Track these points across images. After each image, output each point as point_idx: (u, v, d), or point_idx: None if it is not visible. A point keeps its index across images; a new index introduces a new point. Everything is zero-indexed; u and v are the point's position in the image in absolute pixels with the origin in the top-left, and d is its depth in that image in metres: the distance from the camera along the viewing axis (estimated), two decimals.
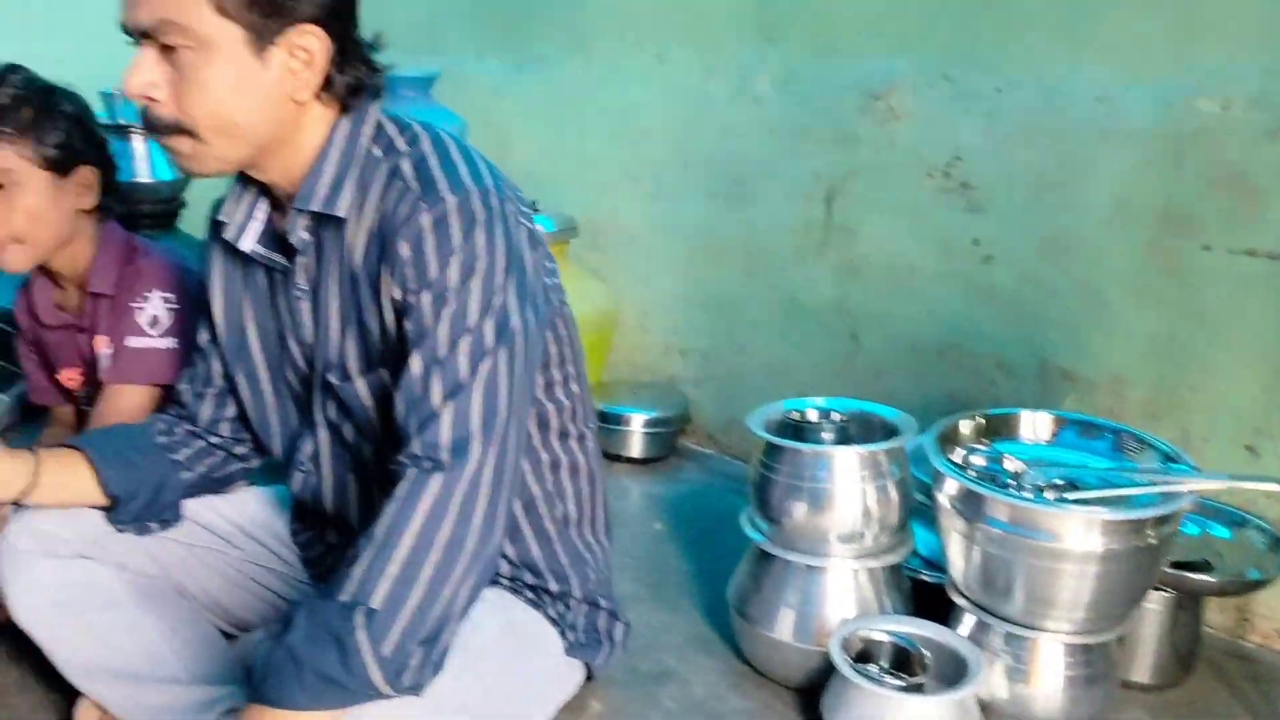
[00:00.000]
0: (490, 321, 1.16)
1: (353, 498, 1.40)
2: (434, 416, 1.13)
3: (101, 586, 1.40)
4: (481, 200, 1.17)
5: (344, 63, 1.20)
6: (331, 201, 1.23)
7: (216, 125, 1.16)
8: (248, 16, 1.12)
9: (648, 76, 2.57)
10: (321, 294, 1.29)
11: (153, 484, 1.41)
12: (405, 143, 1.25)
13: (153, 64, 1.14)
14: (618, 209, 2.67)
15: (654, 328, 2.68)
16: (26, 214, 1.67)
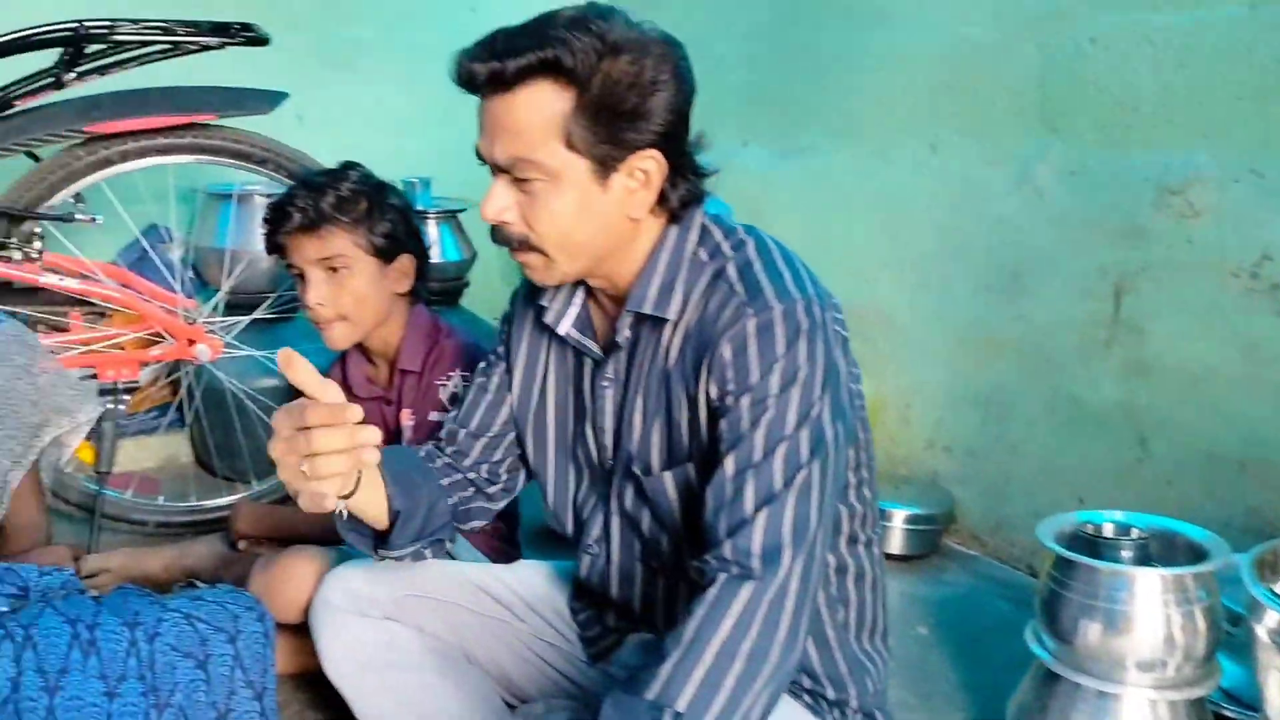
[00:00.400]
0: (806, 432, 1.17)
1: (639, 586, 1.43)
2: (746, 522, 1.15)
3: (404, 648, 1.49)
4: (805, 309, 1.19)
5: (677, 178, 1.25)
6: (661, 305, 1.28)
7: (560, 244, 1.24)
8: (594, 151, 1.19)
9: (919, 165, 2.55)
10: (631, 387, 1.35)
11: (427, 505, 1.41)
12: (730, 247, 1.28)
13: (505, 191, 1.24)
14: (881, 297, 2.65)
15: (916, 420, 2.62)
16: (354, 296, 1.84)
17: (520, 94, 1.17)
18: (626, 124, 1.18)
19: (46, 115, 2.01)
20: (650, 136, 1.20)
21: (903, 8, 2.55)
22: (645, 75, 1.17)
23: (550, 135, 1.18)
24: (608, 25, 1.17)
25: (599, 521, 1.44)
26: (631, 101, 1.17)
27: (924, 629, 2.12)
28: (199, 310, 2.31)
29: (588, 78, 1.16)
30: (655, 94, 1.18)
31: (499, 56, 1.16)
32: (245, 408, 2.50)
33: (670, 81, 1.19)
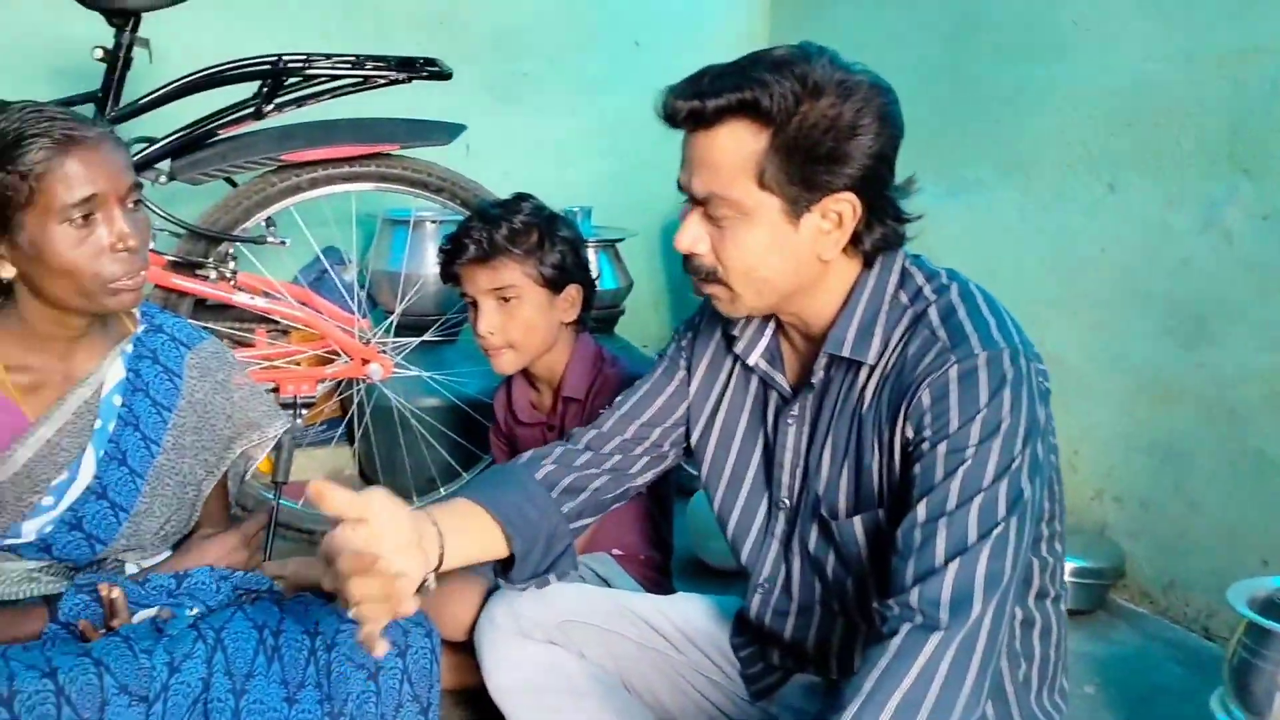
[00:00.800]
0: (1005, 485, 1.13)
1: (816, 628, 1.40)
2: (935, 571, 1.12)
3: (567, 673, 1.51)
4: (1011, 358, 1.16)
5: (873, 221, 1.23)
6: (860, 348, 1.26)
7: (747, 279, 1.25)
8: (786, 191, 1.19)
9: (1095, 204, 2.46)
10: (819, 428, 1.33)
11: (546, 537, 1.41)
12: (932, 290, 1.26)
13: (699, 224, 1.25)
14: (1050, 339, 2.54)
15: (1084, 468, 2.52)
16: (523, 325, 1.89)
17: (719, 132, 1.19)
18: (821, 166, 1.17)
19: (246, 144, 2.14)
20: (846, 180, 1.18)
21: (1082, 43, 2.47)
22: (844, 119, 1.16)
23: (744, 173, 1.19)
24: (812, 67, 1.17)
25: (774, 559, 1.42)
26: (828, 145, 1.16)
27: (1091, 688, 2.03)
28: (373, 330, 2.41)
29: (784, 120, 1.16)
30: (854, 138, 1.17)
31: (701, 95, 1.19)
32: (410, 425, 2.59)
33: (873, 126, 1.17)
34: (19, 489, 1.44)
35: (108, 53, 2.06)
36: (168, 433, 1.57)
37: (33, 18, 2.54)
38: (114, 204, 1.36)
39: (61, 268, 1.34)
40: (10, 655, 1.25)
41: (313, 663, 1.40)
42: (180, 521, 1.63)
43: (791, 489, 1.38)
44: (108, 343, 1.54)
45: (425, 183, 2.31)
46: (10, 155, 1.30)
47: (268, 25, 2.81)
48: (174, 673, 1.29)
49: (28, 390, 1.45)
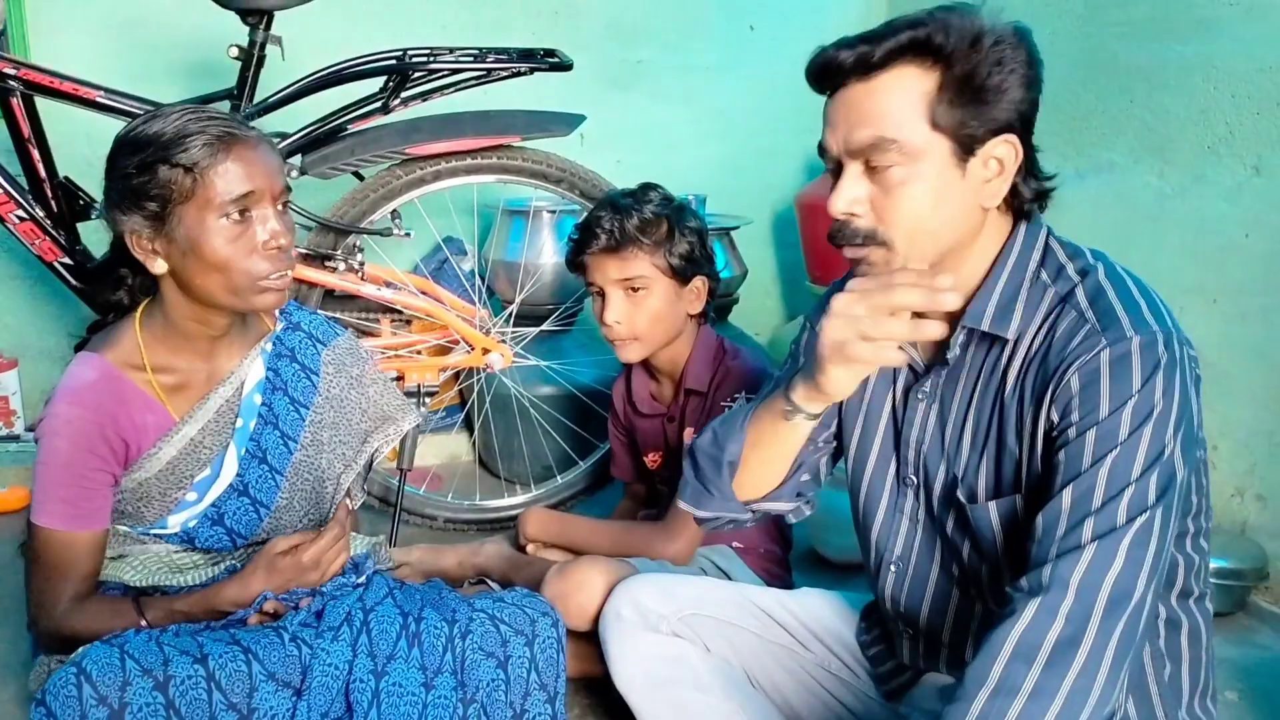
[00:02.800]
0: (1154, 476, 1.09)
1: (953, 613, 1.37)
2: (1076, 550, 1.09)
3: (691, 666, 1.51)
4: (1165, 343, 1.13)
5: (1028, 172, 1.22)
6: (1000, 323, 1.23)
7: (911, 234, 1.21)
8: (958, 130, 1.16)
9: (1239, 187, 2.34)
10: (954, 407, 1.30)
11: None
12: (1076, 270, 1.22)
13: (856, 183, 1.21)
14: (1186, 328, 2.39)
15: (1222, 465, 2.40)
16: (650, 316, 1.89)
17: (885, 77, 1.18)
18: (991, 101, 1.16)
19: (373, 138, 2.18)
20: (1008, 116, 1.17)
21: (1226, 18, 2.35)
22: (1007, 55, 1.16)
23: (916, 113, 1.17)
24: (968, 11, 1.18)
25: (905, 537, 1.39)
26: (995, 79, 1.15)
27: (1233, 694, 1.94)
28: (492, 320, 2.44)
29: (960, 55, 1.15)
30: (1014, 74, 1.16)
31: (867, 41, 1.18)
32: (528, 414, 2.62)
33: (1025, 64, 1.17)
34: (164, 485, 1.50)
35: (242, 50, 2.12)
36: (305, 429, 1.62)
37: (170, 18, 2.63)
38: (269, 203, 1.41)
39: (216, 262, 1.39)
40: (164, 641, 1.31)
41: (450, 650, 1.43)
42: (320, 514, 1.67)
43: (919, 467, 1.35)
44: (248, 342, 1.58)
45: (544, 173, 2.32)
46: (172, 150, 1.35)
47: (391, 20, 2.85)
48: (320, 659, 1.33)
49: (173, 390, 1.50)
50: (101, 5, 2.63)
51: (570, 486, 2.59)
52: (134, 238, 1.40)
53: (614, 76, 3.19)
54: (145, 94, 2.11)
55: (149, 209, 1.37)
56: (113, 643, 1.28)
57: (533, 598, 1.60)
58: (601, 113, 2.74)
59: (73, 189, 2.16)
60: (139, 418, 1.47)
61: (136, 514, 1.51)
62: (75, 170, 2.18)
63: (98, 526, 1.45)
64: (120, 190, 1.39)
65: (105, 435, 1.43)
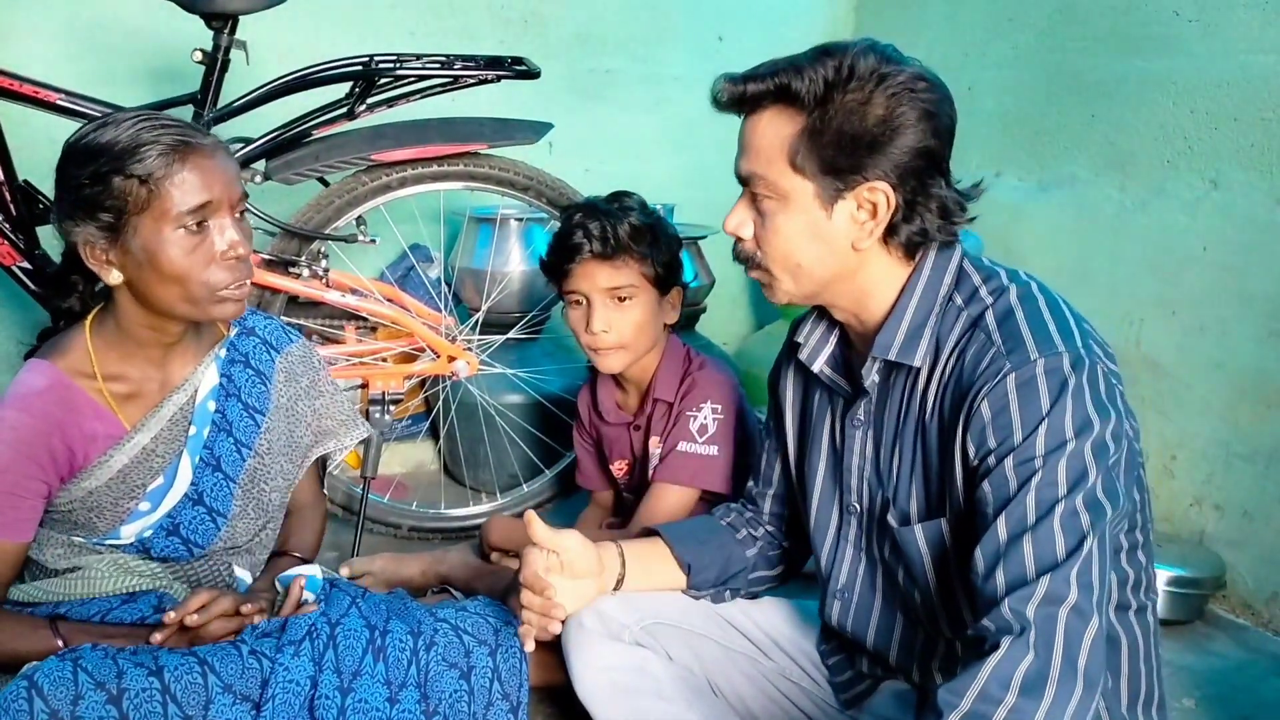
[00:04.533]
0: (1081, 496, 1.11)
1: (898, 637, 1.39)
2: (1026, 584, 1.10)
3: (653, 676, 1.50)
4: (1072, 363, 1.14)
5: (911, 214, 1.23)
6: (906, 352, 1.26)
7: (783, 264, 1.28)
8: (819, 176, 1.22)
9: (1198, 201, 2.38)
10: (884, 434, 1.32)
11: (721, 557, 1.55)
12: (989, 292, 1.24)
13: (744, 209, 1.30)
14: (1147, 341, 2.48)
15: (1182, 475, 2.44)
16: (636, 325, 1.89)
17: (761, 116, 1.25)
18: (850, 154, 1.19)
19: (339, 144, 2.17)
20: (880, 170, 1.20)
21: (1185, 34, 2.39)
22: (874, 109, 1.18)
23: (779, 155, 1.22)
24: (852, 57, 1.20)
25: (850, 565, 1.42)
26: (856, 131, 1.19)
27: (1190, 701, 1.97)
28: (459, 328, 2.43)
29: (813, 105, 1.20)
30: (888, 128, 1.18)
31: (745, 80, 1.24)
32: (494, 422, 2.61)
33: (909, 117, 1.19)
34: (115, 494, 1.48)
35: (206, 55, 2.10)
36: (260, 437, 1.60)
37: (133, 21, 2.60)
38: (226, 212, 1.39)
39: (173, 274, 1.36)
40: (118, 653, 1.28)
41: (414, 663, 1.42)
42: (274, 527, 1.65)
43: (861, 494, 1.38)
44: (202, 348, 1.56)
45: (512, 181, 2.31)
46: (127, 160, 1.33)
47: (357, 26, 2.84)
48: (281, 672, 1.31)
49: (124, 399, 1.48)
50: (63, 8, 2.60)
51: (536, 495, 2.59)
52: (87, 248, 1.38)
53: (582, 85, 3.19)
54: (108, 98, 2.09)
55: (103, 220, 1.35)
56: (65, 655, 1.26)
57: (496, 607, 1.60)
58: (570, 121, 2.74)
59: (32, 193, 2.13)
60: (88, 426, 1.44)
61: (89, 524, 1.48)
62: (35, 174, 2.15)
63: (19, 537, 1.42)
64: (72, 201, 1.36)
65: (50, 445, 1.40)
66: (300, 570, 1.54)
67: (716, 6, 3.32)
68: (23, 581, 1.50)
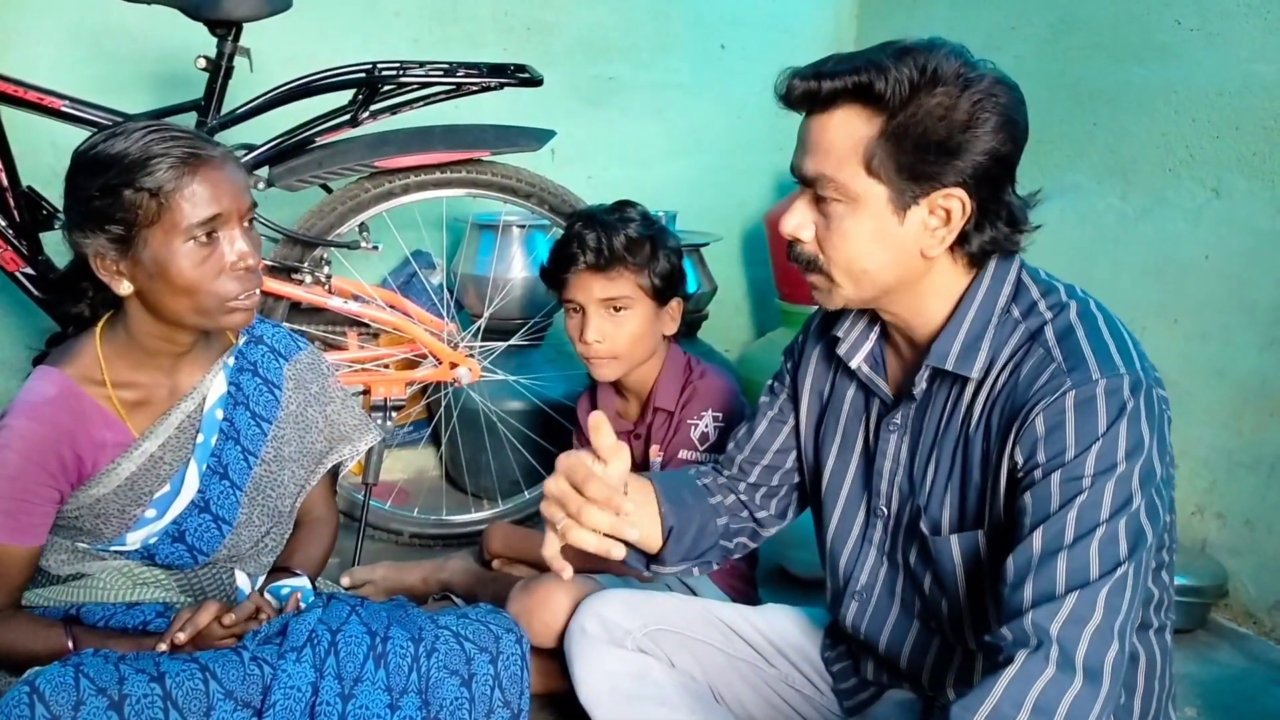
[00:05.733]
0: (1124, 520, 1.10)
1: (911, 643, 1.38)
2: (1053, 600, 1.08)
3: (656, 682, 1.50)
4: (1132, 386, 1.12)
5: (983, 222, 1.20)
6: (964, 363, 1.23)
7: (847, 270, 1.23)
8: (895, 180, 1.17)
9: (1199, 209, 2.38)
10: (922, 440, 1.30)
11: (698, 524, 1.44)
12: (1048, 306, 1.22)
13: (805, 209, 1.24)
14: (1148, 349, 2.45)
15: (1183, 483, 2.43)
16: (630, 336, 1.89)
17: (834, 115, 1.19)
18: (931, 158, 1.15)
19: (342, 151, 2.17)
20: (957, 175, 1.16)
21: (1187, 43, 2.39)
22: (959, 112, 1.14)
23: (854, 157, 1.17)
24: (935, 59, 1.16)
25: (872, 567, 1.40)
26: (939, 136, 1.14)
27: (1192, 711, 1.96)
28: (461, 334, 2.43)
29: (897, 106, 1.15)
30: (969, 133, 1.15)
31: (819, 76, 1.18)
32: (495, 429, 2.61)
33: (990, 122, 1.15)
34: (123, 501, 1.48)
35: (210, 62, 2.10)
36: (267, 444, 1.60)
37: (138, 28, 2.61)
38: (235, 223, 1.39)
39: (183, 285, 1.37)
40: (121, 660, 1.28)
41: (415, 670, 1.42)
42: (280, 533, 1.65)
43: (890, 498, 1.36)
44: (211, 356, 1.56)
45: (514, 188, 2.32)
46: (137, 174, 1.33)
47: (361, 33, 2.85)
48: (283, 678, 1.31)
49: (133, 406, 1.48)
50: (68, 15, 2.61)
51: (537, 502, 2.54)
52: (98, 260, 1.38)
53: (585, 93, 3.20)
54: (112, 104, 2.09)
55: (113, 232, 1.35)
56: (68, 661, 1.26)
57: (497, 614, 1.59)
58: (572, 128, 2.74)
59: (36, 199, 2.14)
60: (97, 434, 1.44)
61: (95, 531, 1.49)
62: (39, 180, 2.15)
63: (32, 542, 1.42)
64: (83, 212, 1.37)
65: (59, 452, 1.41)
66: (291, 583, 1.54)
67: (719, 14, 3.33)
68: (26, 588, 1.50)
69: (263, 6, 2.05)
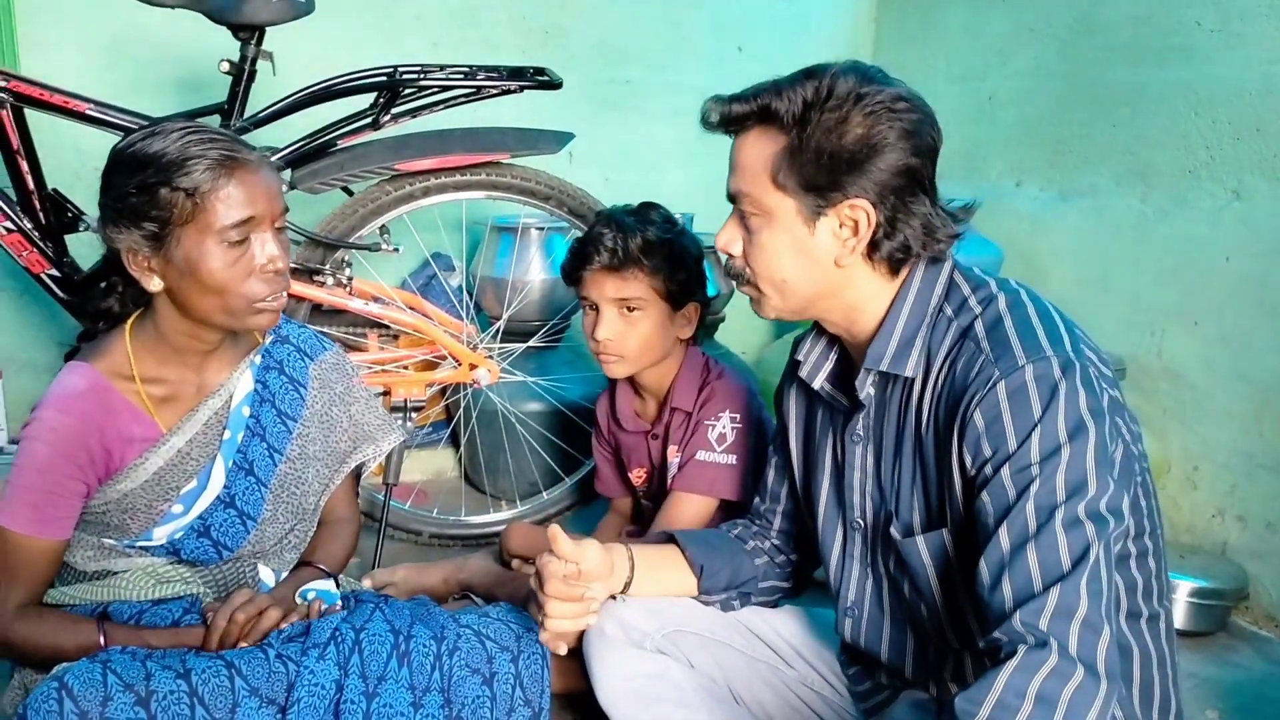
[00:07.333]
0: (1082, 504, 1.11)
1: (911, 651, 1.39)
2: (1034, 597, 1.09)
3: (675, 683, 1.51)
4: (1062, 368, 1.14)
5: (893, 231, 1.25)
6: (898, 362, 1.28)
7: (769, 280, 1.30)
8: (800, 193, 1.24)
9: (1219, 212, 2.37)
10: (884, 446, 1.33)
11: (731, 564, 1.57)
12: (978, 301, 1.26)
13: (734, 226, 1.34)
14: (1168, 351, 2.48)
15: (1204, 485, 2.43)
16: (642, 337, 1.90)
17: (747, 136, 1.28)
18: (831, 172, 1.22)
19: (363, 153, 2.19)
20: (860, 188, 1.22)
21: (1207, 44, 2.39)
22: (854, 129, 1.21)
23: (763, 174, 1.25)
24: (836, 79, 1.23)
25: (857, 582, 1.44)
26: (834, 150, 1.21)
27: (1213, 714, 1.96)
28: (480, 336, 2.45)
29: (792, 124, 1.23)
30: (868, 147, 1.21)
31: (731, 101, 1.28)
32: (514, 430, 2.63)
33: (889, 138, 1.21)
34: (150, 496, 1.50)
35: (233, 65, 2.12)
36: (291, 442, 1.61)
37: (161, 32, 2.63)
38: (267, 226, 1.41)
39: (213, 285, 1.39)
40: (148, 656, 1.30)
41: (437, 668, 1.43)
42: (303, 530, 1.67)
43: (864, 509, 1.39)
44: (238, 354, 1.58)
45: (533, 190, 2.33)
46: (174, 173, 1.35)
47: (382, 37, 2.87)
48: (307, 675, 1.33)
49: (161, 401, 1.50)
50: (92, 19, 2.63)
51: (556, 503, 2.60)
52: (130, 255, 1.40)
53: (603, 95, 3.21)
54: (136, 108, 2.12)
55: (147, 229, 1.37)
56: (95, 658, 1.28)
57: (517, 613, 1.60)
58: (590, 131, 2.75)
59: (61, 201, 2.16)
60: (126, 429, 1.46)
61: (122, 526, 1.50)
62: (63, 182, 2.18)
63: (58, 535, 1.44)
64: (118, 208, 1.39)
65: (88, 445, 1.42)
66: (316, 585, 1.56)
67: (737, 17, 3.34)
68: (52, 586, 1.52)
69: (285, 11, 2.07)
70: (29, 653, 1.42)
